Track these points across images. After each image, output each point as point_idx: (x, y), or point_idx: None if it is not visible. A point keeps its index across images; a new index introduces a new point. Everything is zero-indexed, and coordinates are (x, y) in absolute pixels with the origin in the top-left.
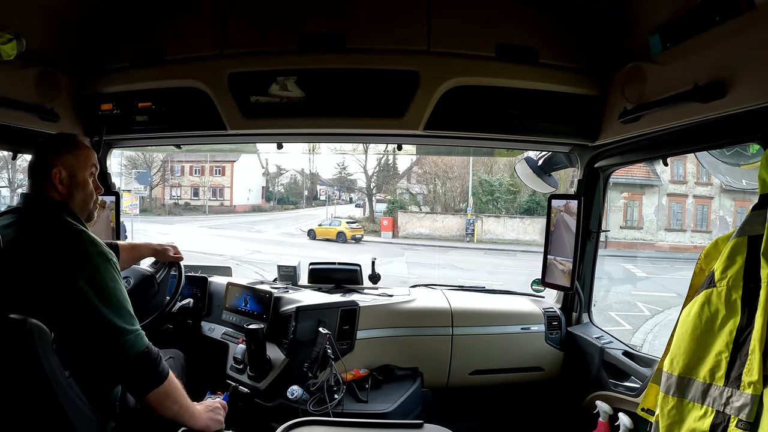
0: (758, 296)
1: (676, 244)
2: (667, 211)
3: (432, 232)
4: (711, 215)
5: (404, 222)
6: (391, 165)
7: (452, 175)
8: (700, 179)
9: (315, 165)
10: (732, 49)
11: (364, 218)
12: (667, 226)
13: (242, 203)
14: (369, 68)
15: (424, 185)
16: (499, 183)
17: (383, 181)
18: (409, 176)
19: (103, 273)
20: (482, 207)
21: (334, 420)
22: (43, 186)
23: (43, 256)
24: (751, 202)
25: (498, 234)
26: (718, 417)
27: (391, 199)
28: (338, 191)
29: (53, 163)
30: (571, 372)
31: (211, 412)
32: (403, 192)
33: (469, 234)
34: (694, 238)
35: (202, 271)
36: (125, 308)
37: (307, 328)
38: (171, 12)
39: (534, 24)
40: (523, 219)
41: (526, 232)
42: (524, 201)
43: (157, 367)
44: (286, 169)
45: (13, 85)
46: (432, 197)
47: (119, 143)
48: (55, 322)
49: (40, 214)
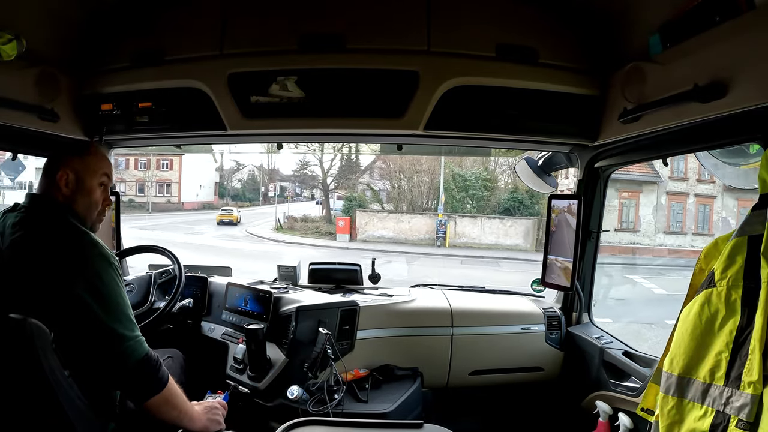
0: (758, 296)
1: (676, 249)
2: (667, 212)
3: (396, 234)
4: (713, 216)
5: (363, 223)
6: (354, 160)
7: (420, 168)
8: (702, 176)
9: (274, 161)
10: (732, 49)
11: (321, 218)
12: (666, 228)
13: (191, 200)
14: (369, 68)
15: (388, 181)
16: (474, 177)
17: (343, 176)
18: (371, 171)
19: (103, 277)
20: (455, 205)
21: (334, 420)
22: (49, 187)
23: (45, 257)
24: (754, 202)
25: (474, 237)
26: (718, 417)
27: (348, 195)
28: (299, 188)
29: (62, 165)
30: (571, 372)
31: (210, 413)
32: (364, 188)
33: (440, 237)
34: (695, 242)
35: (202, 271)
36: (125, 314)
37: (307, 328)
38: (171, 12)
39: (534, 24)
40: (504, 219)
41: (507, 235)
42: (504, 198)
43: (157, 373)
44: (244, 165)
45: (13, 85)
46: (396, 194)
47: (119, 143)
48: (54, 322)
49: (44, 214)
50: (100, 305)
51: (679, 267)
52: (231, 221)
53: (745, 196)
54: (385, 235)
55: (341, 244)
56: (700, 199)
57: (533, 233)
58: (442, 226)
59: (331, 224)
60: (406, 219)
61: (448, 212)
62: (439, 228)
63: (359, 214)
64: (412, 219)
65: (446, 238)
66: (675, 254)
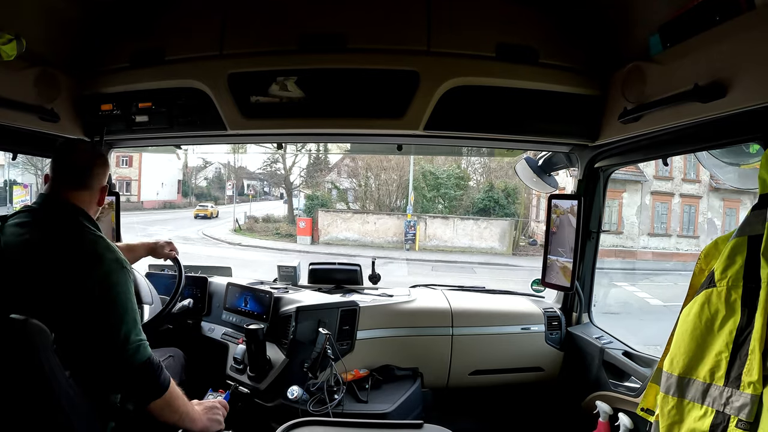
0: (758, 296)
1: (661, 252)
2: (651, 212)
3: (362, 236)
4: (699, 217)
5: (326, 223)
6: (322, 157)
7: (388, 165)
8: (687, 175)
9: (240, 158)
10: (732, 49)
11: (285, 218)
12: (650, 231)
13: (152, 198)
14: (369, 68)
15: (355, 179)
16: (446, 175)
17: (310, 174)
18: (339, 169)
19: (115, 279)
20: (426, 205)
21: (334, 420)
22: (69, 190)
23: (57, 259)
24: (741, 203)
25: (446, 240)
26: (717, 417)
27: (310, 194)
28: (268, 186)
29: (96, 171)
30: (571, 372)
31: (210, 412)
32: (330, 187)
33: (410, 240)
34: (680, 244)
35: (202, 271)
36: (132, 318)
37: (307, 328)
38: (171, 12)
39: (534, 24)
40: (478, 221)
41: (482, 237)
42: (479, 198)
43: (159, 378)
44: (211, 162)
45: (13, 86)
46: (363, 193)
47: (119, 143)
48: (59, 323)
49: (57, 216)
50: (109, 306)
51: (666, 271)
52: (205, 215)
53: (731, 197)
54: (349, 237)
55: (301, 247)
56: (685, 199)
57: (510, 235)
58: (411, 227)
59: (294, 225)
60: (372, 220)
61: (418, 212)
62: (407, 230)
63: (321, 215)
64: (378, 220)
65: (416, 241)
66: (660, 257)
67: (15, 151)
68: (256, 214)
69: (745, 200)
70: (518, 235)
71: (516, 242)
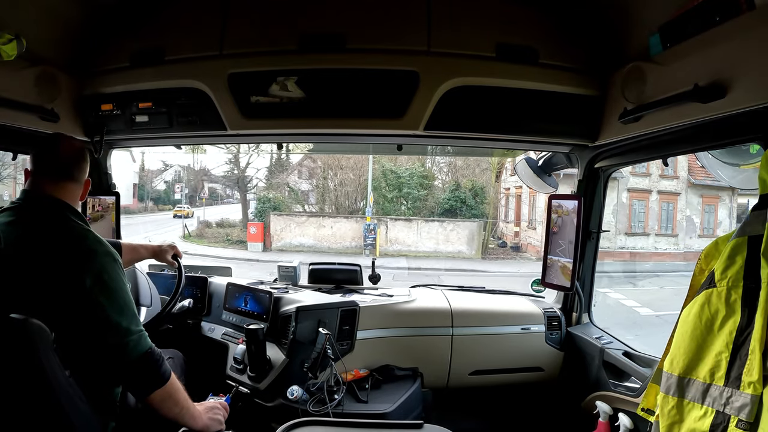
0: (758, 296)
1: (639, 252)
2: (628, 211)
3: (318, 242)
4: (677, 215)
5: (279, 228)
6: (285, 158)
7: (346, 163)
8: (665, 171)
9: (199, 159)
10: (732, 49)
11: (240, 222)
12: (627, 230)
13: None
14: (369, 68)
15: (315, 180)
16: (409, 174)
17: (272, 174)
18: (300, 169)
19: (110, 273)
20: (387, 207)
21: (334, 420)
22: (53, 184)
23: (50, 256)
24: (719, 199)
25: (409, 244)
26: (718, 417)
27: (261, 196)
28: (230, 189)
29: (82, 165)
30: (571, 372)
31: (211, 412)
32: (291, 189)
33: (369, 245)
34: (658, 243)
35: (202, 271)
36: (130, 309)
37: (307, 328)
38: (171, 12)
39: (534, 24)
40: (444, 223)
41: (449, 241)
42: (444, 198)
43: (160, 368)
44: (171, 165)
45: (13, 85)
46: (321, 195)
47: (119, 143)
48: (57, 321)
49: (43, 212)
50: (107, 300)
51: (648, 273)
52: (183, 215)
53: (709, 193)
54: (304, 243)
55: (251, 255)
56: (663, 196)
57: (479, 237)
58: (371, 231)
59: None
60: (328, 223)
61: (379, 215)
62: (367, 234)
63: (274, 219)
64: (335, 223)
65: (376, 246)
66: (639, 258)
67: (15, 151)
68: (210, 219)
69: (723, 196)
70: (487, 237)
71: (485, 245)
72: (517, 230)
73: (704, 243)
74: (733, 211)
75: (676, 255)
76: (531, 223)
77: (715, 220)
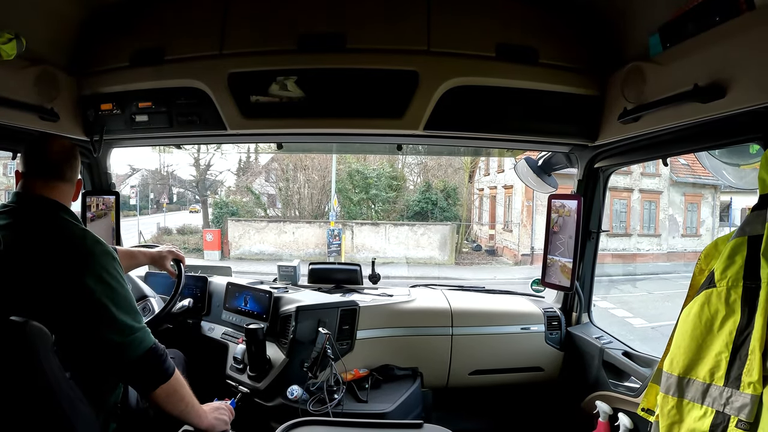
0: (758, 296)
1: (620, 253)
2: (610, 210)
3: (278, 249)
4: (660, 214)
5: (237, 235)
6: (253, 160)
7: (310, 163)
8: (646, 168)
9: (165, 162)
10: (732, 49)
11: (202, 229)
12: (609, 230)
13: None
14: (369, 68)
15: (283, 182)
16: (377, 174)
17: (239, 177)
18: (267, 174)
19: (110, 272)
20: (353, 210)
21: (334, 420)
22: (44, 185)
23: (49, 258)
24: (702, 197)
25: (377, 249)
26: (717, 417)
27: (218, 201)
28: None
29: (74, 166)
30: (571, 372)
31: (217, 412)
32: (252, 193)
33: (334, 252)
34: (640, 244)
35: (201, 271)
36: (132, 306)
37: (307, 328)
38: (170, 11)
39: (534, 24)
40: (414, 226)
41: (419, 246)
42: (414, 200)
43: (164, 363)
44: (138, 169)
45: (13, 85)
46: (284, 197)
47: (119, 143)
48: (58, 323)
49: (37, 214)
50: (109, 298)
51: (633, 276)
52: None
53: (692, 191)
54: (264, 251)
55: (208, 263)
56: (645, 195)
57: (452, 242)
58: (336, 237)
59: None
60: (290, 229)
61: (344, 219)
62: (331, 240)
63: (231, 225)
64: (297, 229)
65: (341, 252)
66: (621, 259)
67: (15, 150)
68: (171, 225)
69: (706, 195)
70: (461, 241)
71: (459, 249)
72: (492, 233)
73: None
74: (716, 209)
75: (659, 256)
76: (507, 225)
77: (698, 218)
